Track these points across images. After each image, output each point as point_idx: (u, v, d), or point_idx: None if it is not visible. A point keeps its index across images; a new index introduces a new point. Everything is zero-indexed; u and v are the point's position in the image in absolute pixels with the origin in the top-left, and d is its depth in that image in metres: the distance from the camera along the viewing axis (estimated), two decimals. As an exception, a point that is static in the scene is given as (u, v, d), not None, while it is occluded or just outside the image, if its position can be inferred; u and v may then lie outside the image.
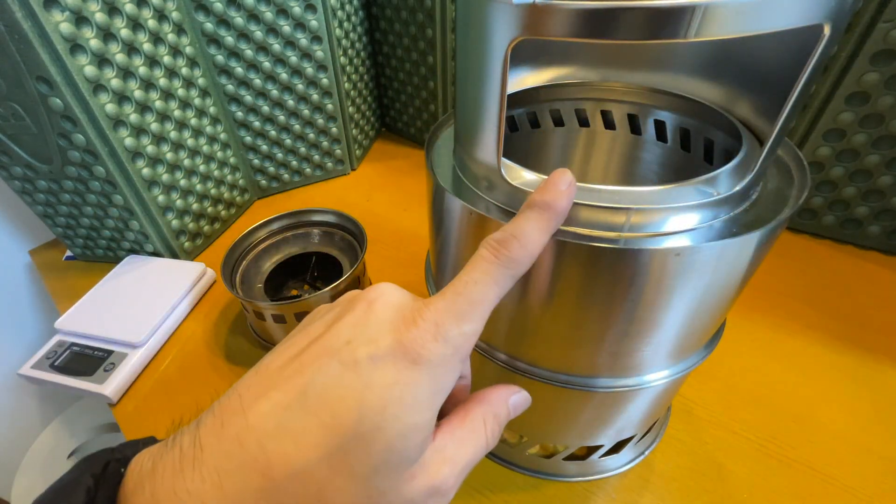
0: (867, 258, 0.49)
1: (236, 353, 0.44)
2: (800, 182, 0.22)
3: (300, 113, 0.61)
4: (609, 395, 0.25)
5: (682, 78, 0.28)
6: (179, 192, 0.52)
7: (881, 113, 0.43)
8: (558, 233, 0.18)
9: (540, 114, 0.31)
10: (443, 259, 0.26)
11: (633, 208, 0.18)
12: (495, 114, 0.18)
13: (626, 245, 0.18)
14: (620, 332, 0.21)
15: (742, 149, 0.21)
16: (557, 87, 0.30)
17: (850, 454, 0.34)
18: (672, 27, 0.14)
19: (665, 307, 0.20)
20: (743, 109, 0.25)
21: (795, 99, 0.17)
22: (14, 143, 0.45)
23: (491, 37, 0.17)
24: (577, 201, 0.18)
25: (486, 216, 0.20)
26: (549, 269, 0.20)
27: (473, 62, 0.18)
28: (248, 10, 0.52)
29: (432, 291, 0.31)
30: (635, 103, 0.29)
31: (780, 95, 0.21)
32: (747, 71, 0.24)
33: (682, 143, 0.28)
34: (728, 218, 0.19)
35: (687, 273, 0.19)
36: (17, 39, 0.36)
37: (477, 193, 0.22)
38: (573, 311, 0.21)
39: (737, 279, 0.20)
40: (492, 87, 0.18)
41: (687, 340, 0.23)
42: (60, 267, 0.58)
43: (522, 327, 0.23)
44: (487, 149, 0.20)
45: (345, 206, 0.64)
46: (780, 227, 0.19)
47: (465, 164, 0.23)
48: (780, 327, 0.42)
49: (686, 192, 0.19)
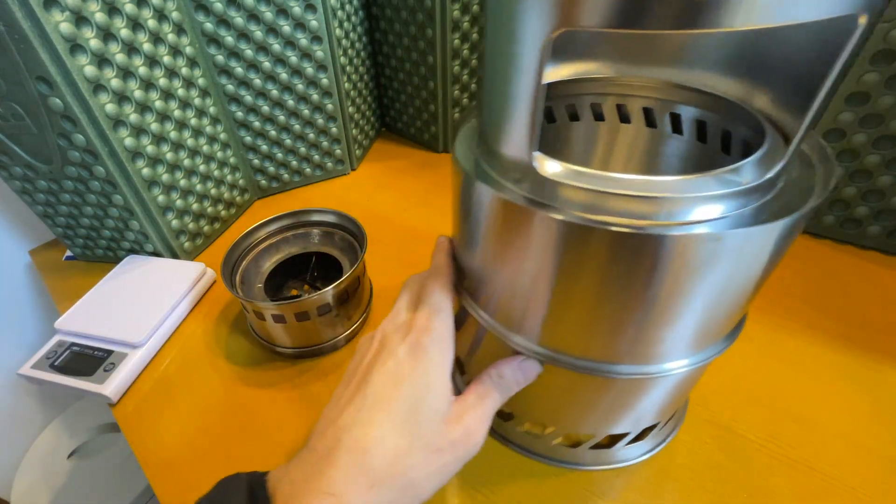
0: (867, 258, 0.49)
1: (236, 352, 0.44)
2: (826, 170, 0.22)
3: (300, 113, 0.61)
4: (631, 381, 0.25)
5: (698, 72, 0.28)
6: (179, 192, 0.52)
7: (881, 113, 0.43)
8: (593, 221, 0.19)
9: (556, 110, 0.32)
10: (468, 246, 0.27)
11: (669, 197, 0.18)
12: (529, 108, 0.19)
13: (665, 232, 0.18)
14: (649, 319, 0.22)
15: (766, 139, 0.22)
16: (577, 82, 0.30)
17: (850, 454, 0.34)
18: (716, 15, 0.14)
19: (696, 293, 0.20)
20: (761, 101, 0.25)
21: (828, 89, 0.17)
22: (14, 143, 0.45)
23: (530, 28, 0.17)
24: (614, 191, 0.19)
25: (525, 207, 0.20)
26: (584, 257, 0.20)
27: (507, 56, 0.19)
28: (248, 10, 0.52)
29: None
30: (653, 98, 0.30)
31: (800, 86, 0.22)
32: (765, 64, 0.24)
33: (699, 135, 0.29)
34: (757, 206, 0.20)
35: (723, 259, 0.19)
36: (17, 39, 0.36)
37: (504, 185, 0.22)
38: (610, 299, 0.21)
39: (767, 265, 0.21)
40: (527, 81, 0.18)
41: (715, 327, 0.24)
42: (60, 267, 0.58)
43: (546, 314, 0.24)
44: (519, 142, 0.20)
45: (345, 206, 0.64)
46: (811, 213, 0.20)
47: (491, 157, 0.23)
48: (780, 327, 0.42)
49: (717, 180, 0.19)
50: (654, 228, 0.18)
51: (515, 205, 0.21)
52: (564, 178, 0.20)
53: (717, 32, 0.26)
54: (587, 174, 0.19)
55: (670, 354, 0.24)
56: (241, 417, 0.39)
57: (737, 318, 0.25)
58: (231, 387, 0.41)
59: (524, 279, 0.23)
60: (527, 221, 0.21)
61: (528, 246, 0.21)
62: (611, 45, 0.30)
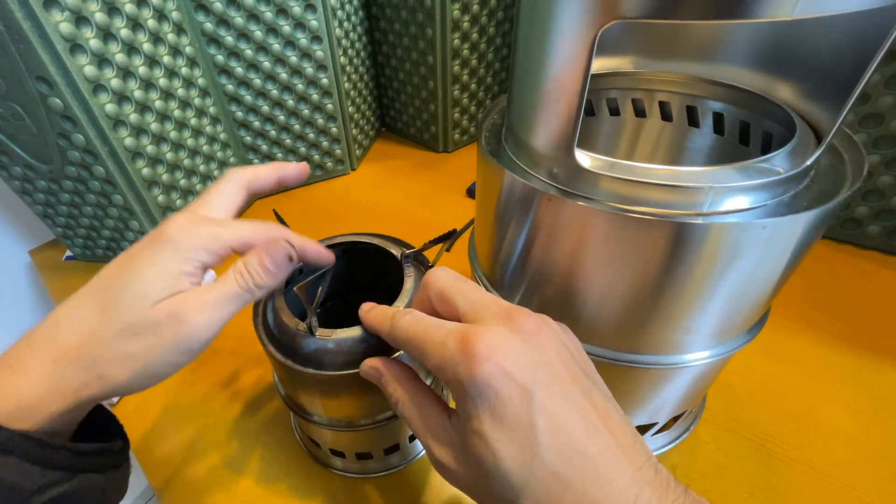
0: (867, 258, 0.49)
1: (237, 352, 0.44)
2: (855, 158, 0.22)
3: (300, 113, 0.61)
4: (651, 372, 0.26)
5: (720, 66, 0.29)
6: (179, 192, 0.52)
7: (881, 113, 0.43)
8: (637, 212, 0.19)
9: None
10: (498, 236, 0.27)
11: (711, 186, 0.19)
12: (574, 103, 0.19)
13: (709, 220, 0.18)
14: (680, 308, 0.22)
15: (797, 130, 0.22)
16: (603, 77, 0.31)
17: (850, 454, 0.34)
18: (777, 4, 0.14)
19: (731, 282, 0.21)
20: (784, 93, 0.25)
21: (865, 81, 0.18)
22: (14, 143, 0.44)
23: (578, 22, 0.17)
24: (654, 182, 0.19)
25: (562, 199, 0.21)
26: (625, 247, 0.20)
27: (549, 52, 0.19)
28: (248, 10, 0.52)
29: (476, 271, 0.31)
30: (677, 93, 0.30)
31: (830, 78, 0.22)
32: (793, 56, 0.25)
33: (720, 128, 0.29)
34: (793, 195, 0.20)
35: (761, 246, 0.19)
36: (17, 39, 0.36)
37: (534, 175, 0.22)
38: (648, 288, 0.21)
39: (800, 254, 0.21)
40: (573, 76, 0.18)
41: (741, 317, 0.24)
42: (60, 267, 0.58)
43: (578, 305, 0.24)
44: (560, 136, 0.20)
45: (345, 206, 0.64)
46: (847, 200, 0.20)
47: (521, 149, 0.23)
48: (780, 327, 0.42)
49: (756, 170, 0.20)
50: (697, 217, 0.19)
51: (554, 197, 0.21)
52: (604, 170, 0.20)
53: (755, 24, 0.27)
54: (627, 166, 0.20)
55: (694, 345, 0.24)
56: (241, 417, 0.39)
57: (762, 311, 0.25)
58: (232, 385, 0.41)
59: (558, 271, 0.23)
60: (566, 213, 0.21)
61: (566, 237, 0.22)
62: (634, 41, 0.31)
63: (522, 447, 0.17)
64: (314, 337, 0.26)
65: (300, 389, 0.29)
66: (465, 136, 0.74)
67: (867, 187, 0.47)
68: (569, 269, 0.23)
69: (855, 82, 0.19)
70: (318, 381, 0.27)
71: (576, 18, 0.17)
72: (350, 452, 0.33)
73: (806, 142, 0.22)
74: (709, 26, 0.29)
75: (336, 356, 0.26)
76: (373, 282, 0.35)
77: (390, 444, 0.33)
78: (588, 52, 0.17)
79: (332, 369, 0.26)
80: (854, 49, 0.18)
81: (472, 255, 0.33)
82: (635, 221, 0.19)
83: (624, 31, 0.31)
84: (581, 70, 0.18)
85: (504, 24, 0.66)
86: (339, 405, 0.29)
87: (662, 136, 0.32)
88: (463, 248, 0.33)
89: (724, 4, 0.14)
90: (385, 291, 0.30)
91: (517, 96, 0.23)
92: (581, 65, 0.18)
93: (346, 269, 0.35)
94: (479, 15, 0.62)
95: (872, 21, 0.17)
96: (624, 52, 0.31)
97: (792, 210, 0.19)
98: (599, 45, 0.17)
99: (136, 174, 0.46)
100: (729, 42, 0.28)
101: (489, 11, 0.63)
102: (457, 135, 0.72)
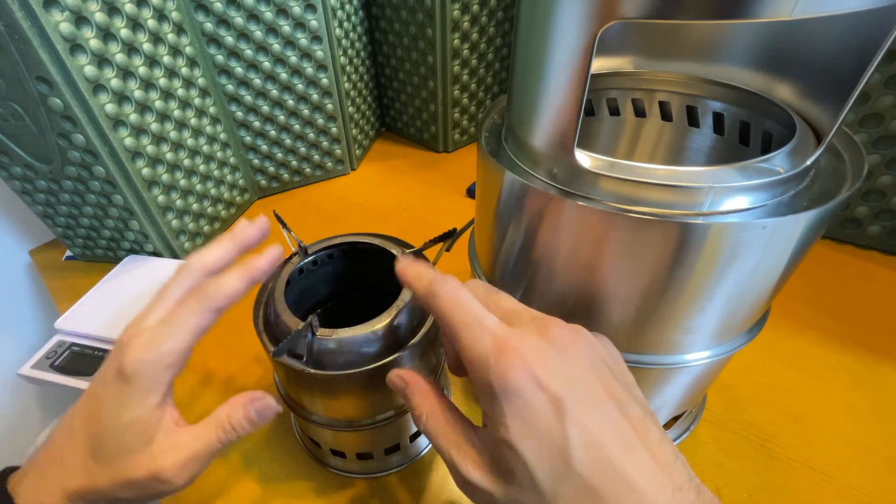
0: (867, 258, 0.49)
1: (237, 352, 0.44)
2: (854, 158, 0.22)
3: (300, 113, 0.61)
4: (651, 372, 0.26)
5: (718, 66, 0.29)
6: (179, 191, 0.52)
7: (881, 113, 0.43)
8: (637, 212, 0.19)
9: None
10: (498, 237, 0.27)
11: (711, 186, 0.19)
12: (574, 103, 0.19)
13: (711, 220, 0.18)
14: (680, 307, 0.22)
15: (797, 130, 0.22)
16: (602, 77, 0.31)
17: (850, 454, 0.34)
18: (777, 4, 0.14)
19: (730, 281, 0.21)
20: (783, 93, 0.26)
21: (865, 81, 0.18)
22: (14, 143, 0.44)
23: (578, 23, 0.17)
24: (654, 182, 0.19)
25: (562, 199, 0.21)
26: (626, 247, 0.20)
27: (549, 52, 0.19)
28: (248, 10, 0.52)
29: (476, 271, 0.31)
30: (676, 92, 0.30)
31: (829, 78, 0.22)
32: (793, 56, 0.25)
33: (720, 127, 0.29)
34: (793, 194, 0.20)
35: (761, 246, 0.19)
36: (17, 39, 0.36)
37: (534, 175, 0.22)
38: (648, 287, 0.21)
39: (800, 253, 0.21)
40: (573, 76, 0.18)
41: (741, 317, 0.24)
42: (60, 267, 0.58)
43: (580, 305, 0.24)
44: (560, 136, 0.20)
45: (345, 206, 0.64)
46: (847, 200, 0.20)
47: (521, 149, 0.23)
48: (780, 327, 0.42)
49: (756, 170, 0.20)
50: (697, 217, 0.19)
51: (554, 197, 0.21)
52: (604, 170, 0.20)
53: (755, 24, 0.27)
54: (627, 166, 0.20)
55: (694, 345, 0.24)
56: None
57: (762, 311, 0.25)
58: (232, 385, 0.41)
59: (558, 270, 0.23)
60: (566, 213, 0.21)
61: (566, 237, 0.22)
62: (634, 41, 0.31)
63: (554, 459, 0.16)
64: (314, 337, 0.26)
65: (301, 389, 0.29)
66: (465, 136, 0.74)
67: (867, 187, 0.47)
68: (568, 269, 0.23)
69: (855, 82, 0.19)
70: (319, 381, 0.27)
71: (576, 19, 0.17)
72: (350, 452, 0.33)
73: (806, 142, 0.22)
74: (709, 26, 0.29)
75: (336, 356, 0.26)
76: (373, 282, 0.35)
77: (391, 444, 0.33)
78: (588, 53, 0.17)
79: (333, 369, 0.26)
80: (854, 49, 0.19)
81: (472, 254, 0.33)
82: (635, 221, 0.19)
83: (624, 31, 0.31)
84: (581, 70, 0.18)
85: (504, 24, 0.66)
86: (340, 405, 0.29)
87: (662, 136, 0.32)
88: (463, 248, 0.33)
89: (724, 4, 0.14)
90: (385, 291, 0.30)
91: (517, 96, 0.23)
92: (581, 65, 0.18)
93: (346, 269, 0.35)
94: (479, 15, 0.62)
95: (872, 21, 0.18)
96: (624, 52, 0.31)
97: (792, 210, 0.19)
98: (599, 45, 0.17)
99: (136, 174, 0.46)
100: (729, 42, 0.28)
101: (489, 11, 0.63)
102: (457, 135, 0.72)
